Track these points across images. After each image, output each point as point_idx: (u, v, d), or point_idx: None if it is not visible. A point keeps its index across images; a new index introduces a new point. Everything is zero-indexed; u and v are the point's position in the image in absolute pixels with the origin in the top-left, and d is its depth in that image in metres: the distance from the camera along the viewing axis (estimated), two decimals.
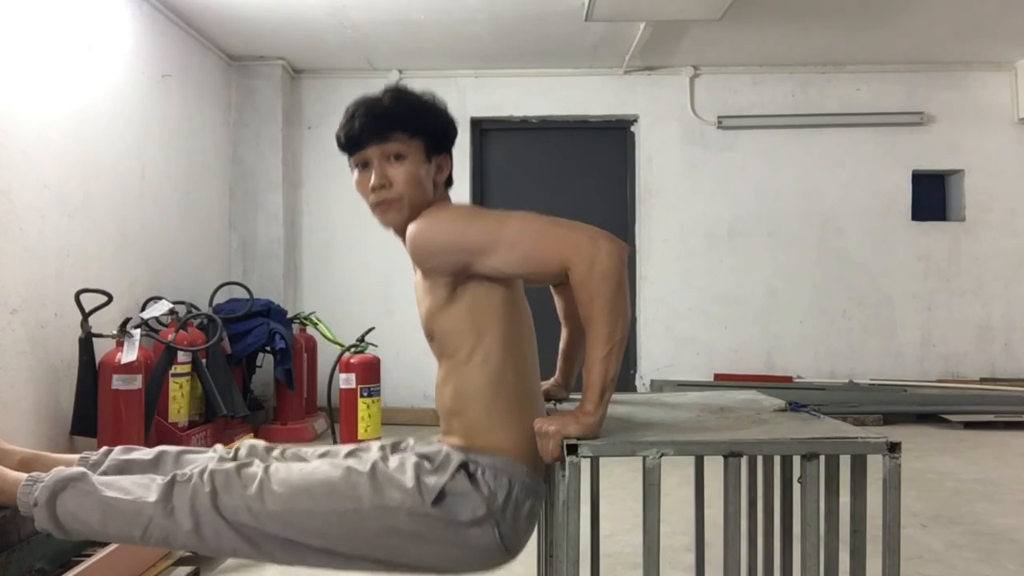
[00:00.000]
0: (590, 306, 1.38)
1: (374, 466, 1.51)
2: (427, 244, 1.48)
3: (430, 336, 1.58)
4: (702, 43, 5.34)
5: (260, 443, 1.72)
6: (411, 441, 1.67)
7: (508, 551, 1.51)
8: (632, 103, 5.90)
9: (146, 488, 1.52)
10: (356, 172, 1.60)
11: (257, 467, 1.54)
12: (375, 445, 1.68)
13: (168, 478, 1.52)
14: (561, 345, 1.88)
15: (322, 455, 1.66)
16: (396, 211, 1.56)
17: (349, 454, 1.64)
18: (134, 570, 2.30)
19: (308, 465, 1.55)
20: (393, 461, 1.53)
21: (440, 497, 1.46)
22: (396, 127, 1.54)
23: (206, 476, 1.51)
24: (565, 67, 5.81)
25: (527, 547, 1.52)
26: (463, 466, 1.48)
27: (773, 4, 4.62)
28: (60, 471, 1.56)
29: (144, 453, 1.71)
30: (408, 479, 1.48)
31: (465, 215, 1.54)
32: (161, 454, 1.70)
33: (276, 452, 1.69)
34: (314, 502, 1.48)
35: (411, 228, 1.50)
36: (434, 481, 1.47)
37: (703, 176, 5.89)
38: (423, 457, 1.53)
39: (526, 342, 1.57)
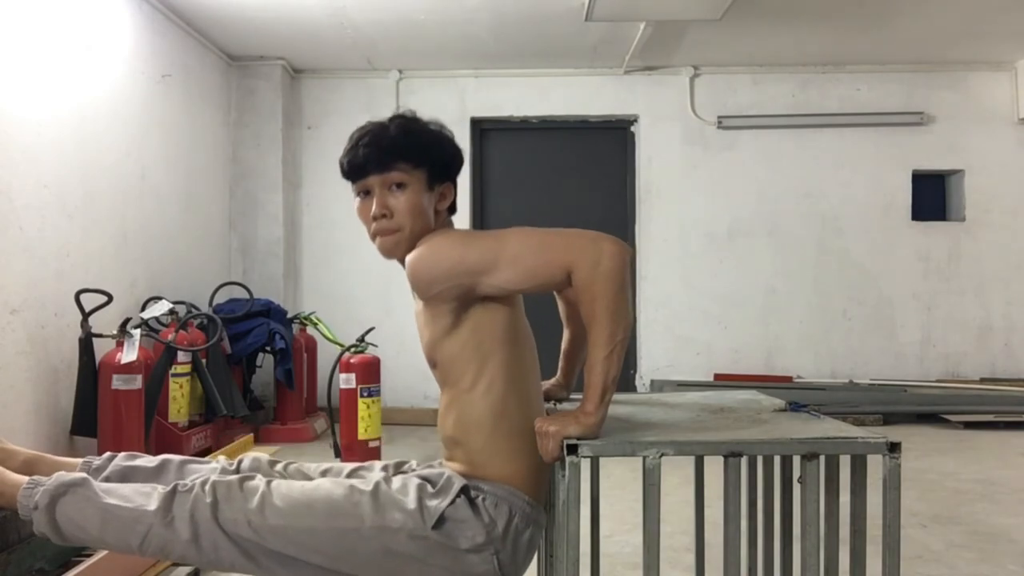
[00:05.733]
0: (592, 306, 1.39)
1: (377, 486, 1.51)
2: (429, 271, 1.47)
3: (433, 364, 1.58)
4: (702, 43, 5.34)
5: (263, 456, 1.72)
6: (414, 463, 1.68)
7: None
8: (632, 103, 5.90)
9: (147, 496, 1.51)
10: (358, 199, 1.60)
11: (260, 481, 1.53)
12: (378, 465, 1.68)
13: (170, 488, 1.52)
14: (563, 345, 1.87)
15: (324, 472, 1.67)
16: (395, 241, 1.56)
17: (352, 473, 1.64)
18: (134, 570, 2.30)
19: (310, 482, 1.55)
20: (396, 482, 1.52)
21: (441, 521, 1.46)
22: (400, 157, 1.54)
23: (208, 487, 1.50)
24: (565, 67, 5.81)
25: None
26: (464, 490, 1.49)
27: (773, 4, 4.62)
28: (62, 476, 1.56)
29: (148, 461, 1.72)
30: (410, 501, 1.47)
31: (462, 239, 1.53)
32: (165, 463, 1.70)
33: (279, 467, 1.69)
34: (315, 519, 1.47)
35: (411, 257, 1.49)
36: (435, 504, 1.47)
37: (703, 176, 5.89)
38: (425, 479, 1.53)
39: (529, 368, 1.57)
